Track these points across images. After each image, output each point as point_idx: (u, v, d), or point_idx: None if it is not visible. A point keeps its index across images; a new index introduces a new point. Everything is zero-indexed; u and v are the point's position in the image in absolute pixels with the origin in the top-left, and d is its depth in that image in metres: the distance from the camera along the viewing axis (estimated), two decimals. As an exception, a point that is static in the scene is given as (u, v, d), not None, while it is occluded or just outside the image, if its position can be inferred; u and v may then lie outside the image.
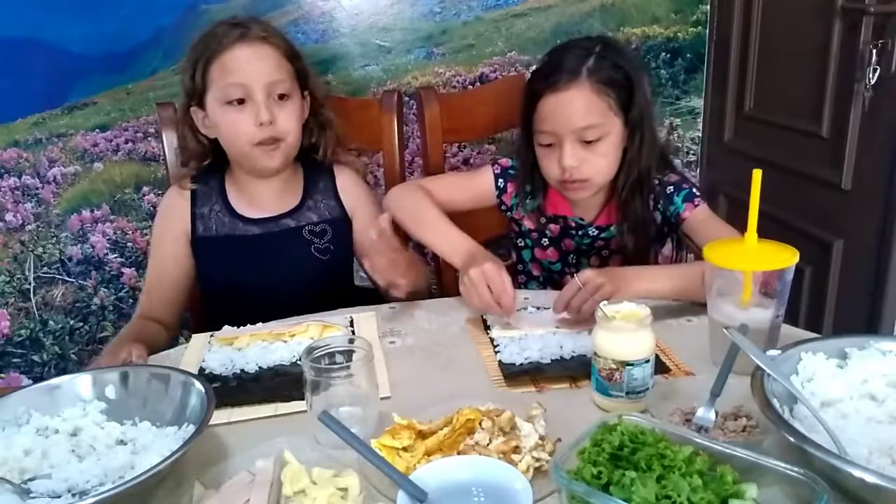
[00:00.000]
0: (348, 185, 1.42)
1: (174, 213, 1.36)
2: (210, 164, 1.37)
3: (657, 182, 1.29)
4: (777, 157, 1.75)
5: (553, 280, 1.42)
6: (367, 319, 1.17)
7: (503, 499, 0.67)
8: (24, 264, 1.92)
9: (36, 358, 1.98)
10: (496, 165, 1.39)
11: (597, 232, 1.35)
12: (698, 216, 1.26)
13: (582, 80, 1.20)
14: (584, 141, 1.22)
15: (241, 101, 1.25)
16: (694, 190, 1.28)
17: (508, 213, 1.41)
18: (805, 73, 1.67)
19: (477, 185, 1.39)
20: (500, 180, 1.38)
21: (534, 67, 1.35)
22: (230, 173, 1.38)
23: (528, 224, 1.39)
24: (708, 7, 2.02)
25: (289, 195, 1.38)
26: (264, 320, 1.15)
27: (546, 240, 1.40)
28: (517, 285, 1.38)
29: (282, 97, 1.28)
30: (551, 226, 1.38)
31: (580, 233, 1.36)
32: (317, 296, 1.25)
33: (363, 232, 1.37)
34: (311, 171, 1.42)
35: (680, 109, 2.11)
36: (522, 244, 1.43)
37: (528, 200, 1.36)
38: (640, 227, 1.29)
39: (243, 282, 1.31)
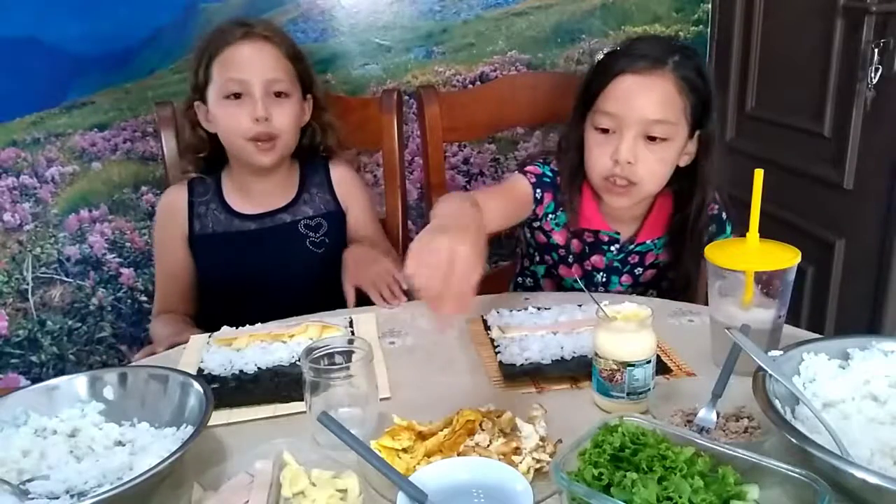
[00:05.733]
0: (343, 180, 1.45)
1: (172, 214, 1.39)
2: (208, 164, 1.40)
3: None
4: (779, 157, 1.75)
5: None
6: (366, 320, 1.16)
7: (504, 500, 0.67)
8: (21, 264, 1.91)
9: (34, 358, 1.97)
10: (528, 174, 1.23)
11: (632, 246, 1.26)
12: None
13: (667, 70, 1.11)
14: (647, 137, 1.12)
15: (238, 96, 1.28)
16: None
17: (537, 223, 1.28)
18: (807, 73, 1.66)
19: (514, 194, 1.22)
20: (538, 190, 1.23)
21: (607, 49, 1.26)
22: (228, 171, 1.41)
23: (557, 238, 1.28)
24: (709, 6, 2.02)
25: (285, 191, 1.41)
26: (262, 315, 1.14)
27: (571, 256, 1.29)
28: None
29: (280, 95, 1.30)
30: (574, 241, 1.27)
31: (613, 248, 1.26)
32: (313, 289, 1.26)
33: (356, 226, 1.43)
34: (306, 166, 1.45)
35: (680, 109, 2.10)
36: (539, 259, 1.33)
37: (559, 212, 1.25)
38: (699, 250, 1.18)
39: (241, 277, 1.32)
